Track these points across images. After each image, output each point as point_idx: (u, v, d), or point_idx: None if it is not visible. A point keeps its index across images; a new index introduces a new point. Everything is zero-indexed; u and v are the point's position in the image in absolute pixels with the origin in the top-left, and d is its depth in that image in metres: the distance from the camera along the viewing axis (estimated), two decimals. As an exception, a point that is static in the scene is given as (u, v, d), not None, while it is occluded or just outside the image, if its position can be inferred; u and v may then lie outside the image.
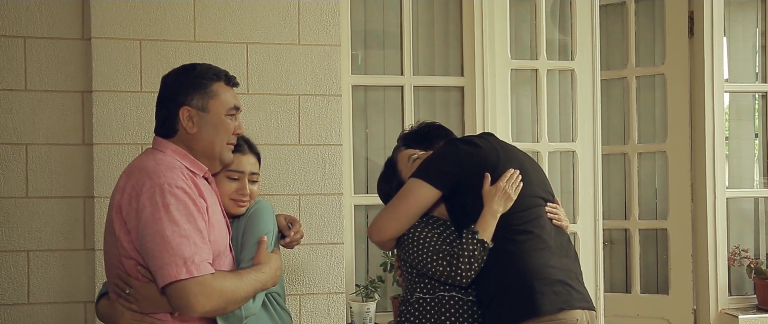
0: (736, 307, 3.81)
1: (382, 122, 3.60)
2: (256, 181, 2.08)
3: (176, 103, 1.86)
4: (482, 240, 2.19)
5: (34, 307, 2.89)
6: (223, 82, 1.91)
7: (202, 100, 1.86)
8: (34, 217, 2.89)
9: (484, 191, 2.27)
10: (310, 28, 3.07)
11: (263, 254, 1.92)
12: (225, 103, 1.90)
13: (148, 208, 1.69)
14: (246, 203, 2.01)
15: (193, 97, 1.86)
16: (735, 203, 3.96)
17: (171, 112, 1.86)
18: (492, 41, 3.51)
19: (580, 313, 2.20)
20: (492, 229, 2.22)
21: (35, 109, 2.89)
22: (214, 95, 1.88)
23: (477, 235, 2.19)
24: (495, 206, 2.23)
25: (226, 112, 1.90)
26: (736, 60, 4.06)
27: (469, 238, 2.19)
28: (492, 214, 2.23)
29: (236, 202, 2.00)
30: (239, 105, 1.95)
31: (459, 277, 2.18)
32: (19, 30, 2.88)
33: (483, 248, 2.19)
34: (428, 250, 2.23)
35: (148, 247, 1.69)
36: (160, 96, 1.91)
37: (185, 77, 1.88)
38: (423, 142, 2.57)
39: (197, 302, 1.67)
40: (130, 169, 1.83)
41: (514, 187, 2.27)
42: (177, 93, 1.86)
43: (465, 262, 2.17)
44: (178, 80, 1.88)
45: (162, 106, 1.90)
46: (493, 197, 2.24)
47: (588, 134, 3.64)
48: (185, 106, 1.85)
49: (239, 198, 2.00)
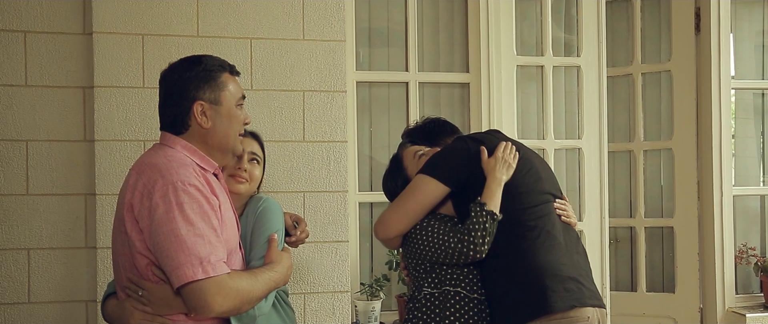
0: (743, 305, 3.79)
1: (386, 119, 3.56)
2: (256, 160, 2.06)
3: (189, 98, 1.79)
4: (491, 211, 2.16)
5: (34, 306, 2.85)
6: (228, 72, 1.87)
7: (213, 93, 1.81)
8: (34, 214, 2.85)
9: (484, 162, 2.25)
10: (314, 23, 3.03)
11: (275, 253, 1.89)
12: (235, 94, 1.86)
13: (162, 206, 1.65)
14: (244, 180, 1.98)
15: (205, 91, 1.80)
16: (741, 201, 3.93)
17: (183, 109, 1.80)
18: (497, 37, 3.48)
19: (592, 311, 2.18)
20: (498, 199, 2.20)
21: (36, 104, 2.85)
22: (223, 87, 1.83)
23: (485, 206, 2.16)
24: (498, 174, 2.22)
25: (236, 102, 1.86)
26: (742, 58, 4.03)
27: (477, 211, 2.16)
28: (497, 183, 2.21)
29: (235, 178, 1.97)
30: (244, 93, 1.92)
31: (473, 251, 2.14)
32: (19, 24, 2.84)
33: (492, 220, 2.16)
34: (438, 235, 2.20)
35: (162, 246, 1.65)
36: (166, 92, 1.84)
37: (193, 71, 1.81)
38: (428, 138, 2.54)
39: (214, 302, 1.63)
40: (140, 166, 1.77)
41: (511, 156, 2.26)
42: (187, 88, 1.80)
43: (478, 236, 2.13)
44: (186, 75, 1.81)
45: (170, 102, 1.82)
46: (494, 166, 2.23)
47: (594, 131, 3.61)
48: (198, 101, 1.80)
49: (237, 173, 1.96)
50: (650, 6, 4.00)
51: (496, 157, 2.24)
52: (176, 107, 1.81)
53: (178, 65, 1.85)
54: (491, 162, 2.24)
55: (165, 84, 1.85)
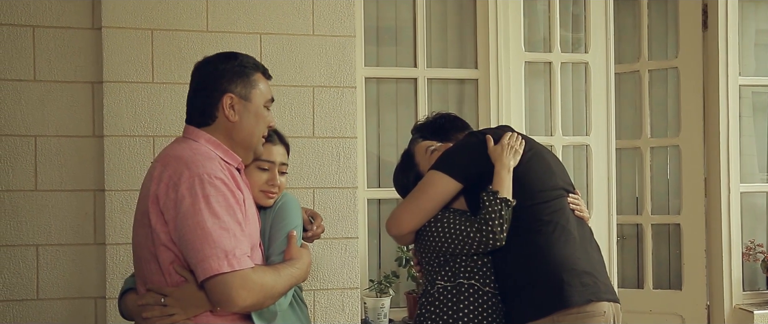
0: (751, 302, 3.79)
1: (394, 115, 3.55)
2: (285, 172, 2.04)
3: (219, 90, 1.80)
4: (505, 198, 2.15)
5: (43, 302, 2.83)
6: (261, 73, 1.89)
7: (245, 89, 1.82)
8: (43, 210, 2.83)
9: (490, 150, 2.25)
10: (324, 19, 3.02)
11: (295, 249, 1.88)
12: (265, 94, 1.88)
13: (188, 198, 1.65)
14: (275, 195, 1.96)
15: (237, 85, 1.82)
16: (747, 198, 3.93)
17: (212, 100, 1.81)
18: (506, 33, 3.48)
19: (607, 305, 2.18)
20: (509, 185, 2.19)
21: (44, 100, 2.83)
22: (255, 85, 1.85)
23: (497, 194, 2.16)
24: (505, 161, 2.21)
25: (265, 102, 1.88)
26: (748, 56, 4.03)
27: (491, 199, 2.15)
28: (505, 169, 2.21)
29: (266, 194, 1.95)
30: (273, 97, 1.94)
31: (492, 239, 2.14)
32: (27, 19, 2.81)
33: (507, 206, 2.15)
34: (454, 225, 2.20)
35: (187, 238, 1.64)
36: (198, 83, 1.85)
37: (228, 65, 1.83)
38: (439, 134, 2.54)
39: (238, 296, 1.62)
40: (165, 158, 1.76)
41: (517, 143, 2.27)
42: (220, 80, 1.81)
43: (496, 224, 2.13)
44: (220, 68, 1.82)
45: (201, 93, 1.83)
46: (501, 153, 2.23)
47: (602, 128, 3.61)
48: (229, 93, 1.81)
49: (269, 189, 1.95)
50: (657, 3, 4.00)
51: (502, 144, 2.25)
52: (206, 98, 1.81)
53: (213, 58, 1.87)
54: (497, 149, 2.24)
55: (198, 74, 1.86)
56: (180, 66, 2.87)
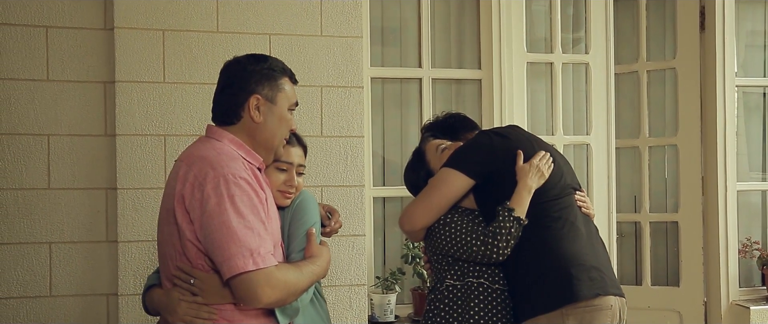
0: (747, 298, 3.85)
1: (398, 115, 3.60)
2: (303, 173, 2.09)
3: (247, 90, 1.84)
4: (518, 217, 2.20)
5: (56, 299, 2.86)
6: (288, 77, 1.94)
7: (271, 92, 1.86)
8: (56, 208, 2.86)
9: (518, 167, 2.28)
10: (332, 20, 3.06)
11: (315, 247, 1.92)
12: (290, 98, 1.92)
13: (213, 198, 1.69)
14: (292, 195, 2.01)
15: (264, 87, 1.85)
16: (743, 196, 4.00)
17: (239, 100, 1.84)
18: (508, 34, 3.53)
19: (614, 300, 2.24)
20: (526, 205, 2.23)
21: (57, 99, 2.86)
22: (281, 88, 1.89)
23: (513, 212, 2.20)
24: (529, 182, 2.25)
25: (289, 106, 1.92)
26: (740, 56, 4.10)
27: (505, 215, 2.20)
28: (527, 190, 2.24)
29: (283, 194, 1.99)
30: (298, 101, 1.97)
31: (495, 254, 2.19)
32: (41, 19, 2.85)
33: (519, 225, 2.20)
34: (461, 232, 2.24)
35: (213, 237, 1.69)
36: (227, 81, 1.88)
37: (257, 66, 1.87)
38: (449, 133, 2.58)
39: (263, 293, 1.67)
40: (189, 158, 1.80)
41: (546, 166, 2.30)
42: (248, 81, 1.84)
43: (502, 240, 2.18)
44: (250, 68, 1.86)
45: (228, 92, 1.87)
46: (527, 173, 2.26)
47: (602, 128, 3.67)
48: (256, 94, 1.84)
49: (287, 189, 1.99)
50: (655, 4, 4.06)
51: (531, 164, 2.27)
52: (233, 97, 1.85)
53: (243, 58, 1.90)
54: (525, 168, 2.27)
55: (227, 73, 1.89)
56: (191, 66, 2.92)
